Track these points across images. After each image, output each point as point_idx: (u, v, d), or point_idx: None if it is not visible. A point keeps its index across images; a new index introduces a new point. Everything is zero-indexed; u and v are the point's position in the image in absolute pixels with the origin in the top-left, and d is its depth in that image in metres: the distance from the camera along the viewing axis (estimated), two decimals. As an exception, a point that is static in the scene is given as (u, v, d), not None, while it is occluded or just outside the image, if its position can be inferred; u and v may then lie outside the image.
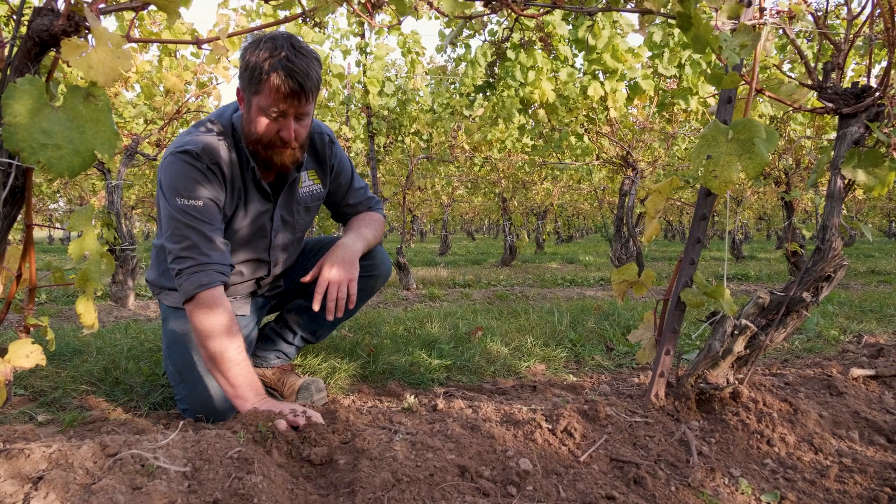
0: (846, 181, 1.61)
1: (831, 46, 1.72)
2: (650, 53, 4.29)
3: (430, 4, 1.27)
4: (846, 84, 1.67)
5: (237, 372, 1.52)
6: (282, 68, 1.50)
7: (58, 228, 1.19)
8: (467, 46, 4.33)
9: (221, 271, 1.58)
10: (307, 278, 1.74)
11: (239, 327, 1.57)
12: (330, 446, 1.40)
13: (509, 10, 1.34)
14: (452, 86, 5.65)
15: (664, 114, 5.03)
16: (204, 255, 1.56)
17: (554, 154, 5.67)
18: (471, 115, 5.47)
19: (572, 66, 4.28)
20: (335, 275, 1.70)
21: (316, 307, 1.66)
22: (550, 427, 1.47)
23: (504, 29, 3.88)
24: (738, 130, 1.40)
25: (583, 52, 4.14)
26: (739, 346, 1.58)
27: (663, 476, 1.32)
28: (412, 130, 5.61)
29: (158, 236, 1.83)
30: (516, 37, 3.86)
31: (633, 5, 1.47)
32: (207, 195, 1.61)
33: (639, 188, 5.23)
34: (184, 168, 1.59)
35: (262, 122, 1.59)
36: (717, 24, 1.46)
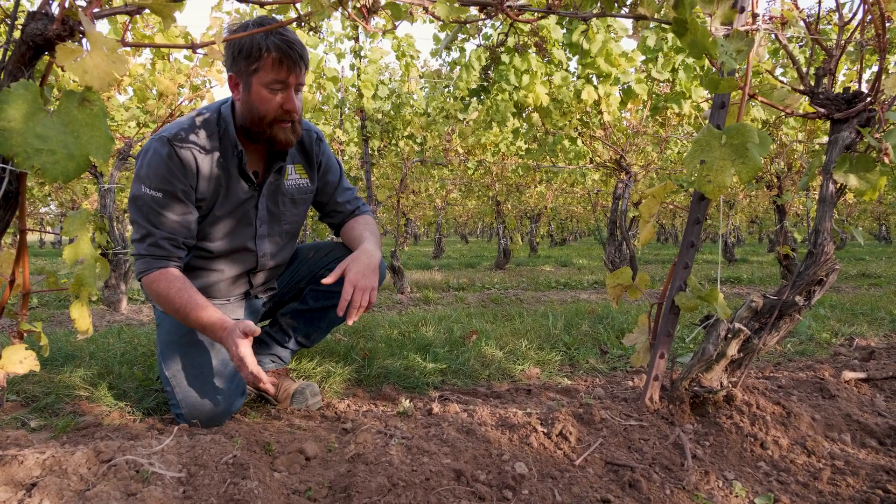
0: (838, 186, 1.62)
1: (823, 52, 1.74)
2: (644, 57, 4.32)
3: (426, 9, 1.28)
4: (838, 89, 1.69)
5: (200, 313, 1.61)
6: (280, 41, 1.58)
7: (49, 233, 1.18)
8: (462, 50, 4.34)
9: (166, 256, 1.68)
10: (329, 280, 1.68)
11: (173, 280, 1.66)
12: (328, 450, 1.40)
13: (504, 15, 1.34)
14: (447, 89, 5.66)
15: (657, 117, 5.06)
16: (155, 247, 1.66)
17: (548, 158, 5.69)
18: (465, 119, 5.48)
19: (566, 70, 4.30)
20: (361, 282, 1.68)
21: (340, 313, 1.65)
22: (546, 431, 1.47)
23: (499, 34, 3.90)
24: (732, 135, 1.41)
25: (577, 56, 4.16)
26: (733, 350, 1.59)
27: (658, 479, 1.33)
28: (406, 134, 5.61)
29: None
30: (511, 41, 3.87)
31: (627, 11, 1.48)
32: (168, 186, 1.66)
33: (632, 192, 5.26)
34: (151, 158, 1.66)
35: (266, 98, 1.64)
36: (711, 30, 1.47)
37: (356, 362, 2.32)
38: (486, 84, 4.23)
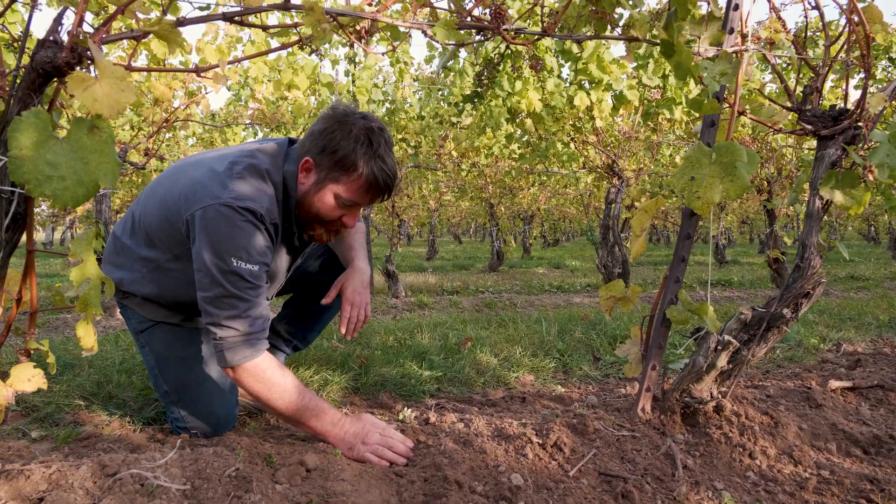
0: (824, 201, 1.66)
1: (810, 69, 1.78)
2: (635, 64, 4.36)
3: (424, 33, 1.31)
4: (825, 106, 1.73)
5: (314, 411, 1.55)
6: (378, 170, 1.50)
7: (51, 251, 1.19)
8: (455, 57, 4.37)
9: (264, 338, 1.55)
10: (326, 301, 1.82)
11: (283, 368, 1.55)
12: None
13: (501, 38, 1.38)
14: (440, 92, 5.68)
15: (649, 123, 5.11)
16: (251, 326, 1.50)
17: (541, 162, 5.73)
18: (458, 124, 5.51)
19: (559, 76, 4.34)
20: (357, 300, 1.81)
21: (343, 330, 1.78)
22: (540, 442, 1.51)
23: (495, 55, 3.94)
24: (721, 154, 1.45)
25: (569, 63, 4.20)
26: (722, 361, 1.63)
27: (650, 490, 1.37)
28: (400, 138, 5.63)
29: (160, 250, 1.76)
30: (506, 50, 3.90)
31: (619, 32, 1.52)
32: (265, 259, 1.54)
33: (624, 196, 5.31)
34: (249, 228, 1.49)
35: (331, 207, 1.57)
36: (700, 51, 1.51)
37: (353, 370, 2.35)
38: (479, 90, 4.26)
